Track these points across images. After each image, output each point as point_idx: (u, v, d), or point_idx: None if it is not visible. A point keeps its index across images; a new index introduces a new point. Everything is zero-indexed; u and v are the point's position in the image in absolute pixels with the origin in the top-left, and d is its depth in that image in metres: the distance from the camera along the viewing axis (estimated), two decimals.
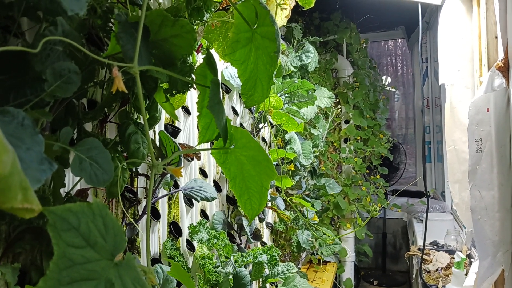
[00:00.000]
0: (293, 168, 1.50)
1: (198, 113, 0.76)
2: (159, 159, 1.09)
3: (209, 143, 0.84)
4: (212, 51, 1.14)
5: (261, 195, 0.68)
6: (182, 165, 1.45)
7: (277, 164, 1.61)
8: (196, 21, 0.96)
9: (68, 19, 0.62)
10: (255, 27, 0.71)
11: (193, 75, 0.82)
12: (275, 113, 1.31)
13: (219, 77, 1.72)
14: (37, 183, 0.39)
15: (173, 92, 0.78)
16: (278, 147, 2.49)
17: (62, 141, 0.56)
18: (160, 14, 0.69)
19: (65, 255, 0.37)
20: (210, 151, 0.74)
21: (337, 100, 3.54)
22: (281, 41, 2.73)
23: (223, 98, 1.77)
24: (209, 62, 0.70)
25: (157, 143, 1.09)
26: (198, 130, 1.51)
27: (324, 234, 2.00)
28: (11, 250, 0.73)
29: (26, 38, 0.77)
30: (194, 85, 0.92)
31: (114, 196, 0.84)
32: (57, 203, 0.79)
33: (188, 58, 0.76)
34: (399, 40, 5.91)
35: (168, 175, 1.13)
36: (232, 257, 1.32)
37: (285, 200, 1.93)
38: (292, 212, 2.42)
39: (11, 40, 0.73)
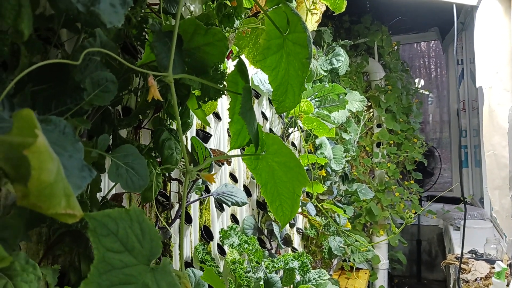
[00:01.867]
0: (324, 174, 1.48)
1: (229, 119, 0.77)
2: (191, 164, 1.11)
3: (239, 149, 0.85)
4: (243, 57, 1.15)
5: (293, 202, 0.68)
6: (214, 171, 1.46)
7: (307, 169, 1.60)
8: (227, 28, 0.98)
9: (105, 30, 0.64)
10: (286, 33, 0.71)
11: (224, 82, 0.84)
12: (306, 118, 1.31)
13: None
14: (78, 190, 0.40)
15: (206, 99, 0.79)
16: (309, 152, 2.48)
17: (99, 148, 0.58)
18: (192, 23, 0.70)
19: (104, 260, 0.38)
20: (241, 157, 0.74)
21: (369, 103, 3.48)
22: (312, 46, 2.72)
23: (253, 103, 1.78)
24: (241, 69, 0.71)
25: (189, 148, 1.11)
26: (229, 135, 1.53)
27: (356, 241, 1.96)
28: (51, 252, 0.76)
29: (65, 48, 0.80)
30: (225, 91, 0.93)
31: (148, 200, 0.86)
32: (94, 208, 0.82)
33: (220, 66, 0.77)
34: (432, 41, 5.75)
35: (200, 180, 1.15)
36: (263, 263, 1.32)
37: (316, 206, 1.91)
38: (323, 218, 2.39)
39: (52, 51, 0.77)
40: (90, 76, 0.55)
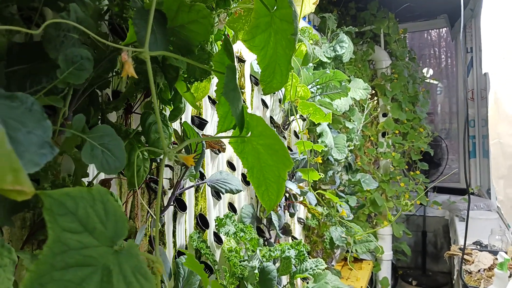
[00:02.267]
0: (320, 161, 1.45)
1: (217, 102, 0.74)
2: (182, 150, 1.08)
3: (229, 133, 0.82)
4: (239, 45, 1.12)
5: (278, 186, 0.66)
6: (211, 159, 1.44)
7: (304, 157, 1.57)
8: (218, 10, 0.94)
9: (83, 6, 0.61)
10: (273, 10, 0.68)
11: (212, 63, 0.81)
12: (302, 103, 1.27)
13: (248, 69, 1.69)
14: (35, 166, 0.38)
15: (191, 80, 0.76)
16: (311, 141, 2.44)
17: (74, 128, 0.56)
18: (176, 0, 0.68)
19: (60, 240, 0.36)
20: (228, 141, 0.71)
21: (374, 92, 3.42)
22: (315, 32, 2.67)
23: (252, 90, 1.75)
24: (226, 47, 0.68)
25: (181, 134, 1.08)
26: None
27: (351, 228, 1.93)
28: (34, 237, 0.75)
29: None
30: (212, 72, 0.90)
31: (134, 186, 0.84)
32: None
33: (207, 45, 0.74)
34: (443, 30, 5.62)
35: (193, 167, 1.13)
36: (258, 251, 1.30)
37: (319, 194, 1.88)
38: (325, 208, 2.37)
39: (34, 29, 0.75)
40: (63, 53, 0.53)
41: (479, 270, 1.81)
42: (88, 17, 0.59)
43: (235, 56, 0.69)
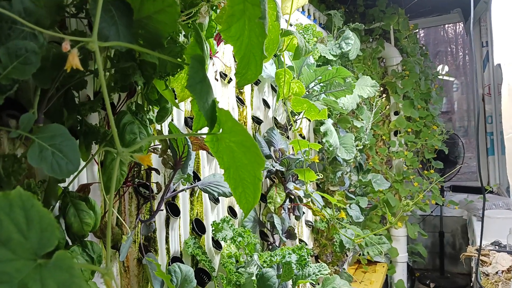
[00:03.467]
0: (317, 160, 1.38)
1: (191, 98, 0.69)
2: (172, 153, 1.04)
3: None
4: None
5: (254, 187, 0.60)
6: (206, 160, 1.39)
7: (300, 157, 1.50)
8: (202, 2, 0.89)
9: None
10: None
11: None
12: (295, 100, 1.21)
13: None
14: None
15: (163, 75, 0.71)
16: (318, 142, 2.37)
17: (22, 128, 0.51)
18: None
19: None
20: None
21: (385, 89, 3.32)
22: (320, 29, 2.60)
23: (252, 90, 1.69)
24: (197, 39, 0.62)
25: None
26: None
27: (356, 234, 1.86)
28: None
29: None
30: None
31: (109, 191, 0.79)
32: (52, 199, 0.75)
33: (178, 37, 0.69)
34: (460, 26, 5.46)
35: (190, 171, 1.07)
36: (256, 257, 1.24)
37: (307, 194, 1.81)
38: (334, 210, 2.28)
39: None
40: (5, 46, 0.48)
41: (496, 272, 1.71)
42: (40, 8, 0.55)
43: (205, 46, 0.64)
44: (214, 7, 0.94)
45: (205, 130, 0.71)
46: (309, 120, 2.20)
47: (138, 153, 0.50)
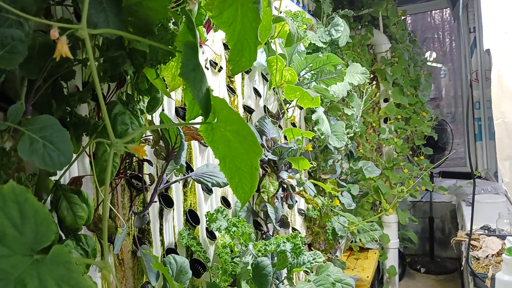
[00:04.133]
0: (311, 149, 1.38)
1: (184, 87, 0.68)
2: (164, 145, 1.02)
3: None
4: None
5: (251, 176, 0.59)
6: (198, 151, 1.37)
7: (293, 146, 1.50)
8: None
9: None
10: None
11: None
12: (287, 88, 1.20)
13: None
14: None
15: (154, 63, 0.70)
16: (309, 130, 2.37)
17: (11, 120, 0.49)
18: None
19: None
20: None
21: (374, 76, 3.33)
22: (309, 16, 2.58)
23: (243, 79, 1.67)
24: (188, 25, 0.61)
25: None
26: None
27: (351, 221, 1.87)
28: None
29: None
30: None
31: (103, 183, 0.78)
32: (43, 192, 0.74)
33: (169, 24, 0.67)
34: (446, 13, 5.48)
35: (173, 160, 1.06)
36: (251, 246, 1.24)
37: (315, 185, 1.81)
38: (326, 198, 2.29)
39: None
40: None
41: (487, 256, 1.74)
42: None
43: (196, 33, 0.62)
44: None
45: (199, 119, 0.70)
46: (300, 109, 2.19)
47: (131, 144, 0.49)
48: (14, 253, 0.33)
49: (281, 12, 2.03)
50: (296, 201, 2.00)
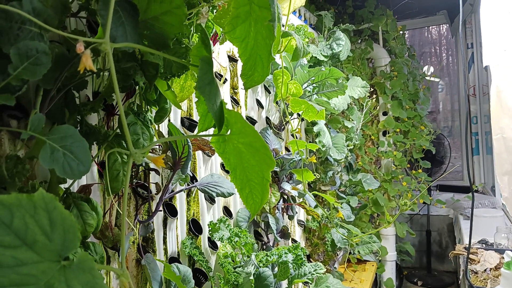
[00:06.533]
0: (315, 161, 1.40)
1: (196, 99, 0.69)
2: (171, 154, 1.04)
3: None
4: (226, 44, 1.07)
5: (262, 188, 0.60)
6: (203, 161, 1.39)
7: (297, 158, 1.51)
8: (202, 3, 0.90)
9: None
10: None
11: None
12: (293, 101, 1.22)
13: (241, 68, 1.64)
14: None
15: (168, 76, 0.72)
16: (309, 141, 2.39)
17: (32, 129, 0.51)
18: None
19: None
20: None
21: (373, 90, 3.37)
22: (311, 30, 2.62)
23: (246, 90, 1.70)
24: (203, 40, 0.63)
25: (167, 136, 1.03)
26: None
27: (353, 233, 1.88)
28: None
29: None
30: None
31: (115, 191, 0.79)
32: None
33: (184, 39, 0.69)
34: (443, 28, 5.57)
35: (188, 171, 1.07)
36: (254, 256, 1.25)
37: (315, 196, 1.82)
38: (326, 210, 2.31)
39: None
40: (15, 46, 0.48)
41: (485, 270, 1.75)
42: (48, 8, 0.54)
43: (211, 48, 0.64)
44: (214, 9, 0.94)
45: (210, 131, 0.71)
46: (302, 120, 2.22)
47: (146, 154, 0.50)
48: (44, 259, 0.35)
49: (283, 26, 2.06)
50: (296, 212, 2.01)
